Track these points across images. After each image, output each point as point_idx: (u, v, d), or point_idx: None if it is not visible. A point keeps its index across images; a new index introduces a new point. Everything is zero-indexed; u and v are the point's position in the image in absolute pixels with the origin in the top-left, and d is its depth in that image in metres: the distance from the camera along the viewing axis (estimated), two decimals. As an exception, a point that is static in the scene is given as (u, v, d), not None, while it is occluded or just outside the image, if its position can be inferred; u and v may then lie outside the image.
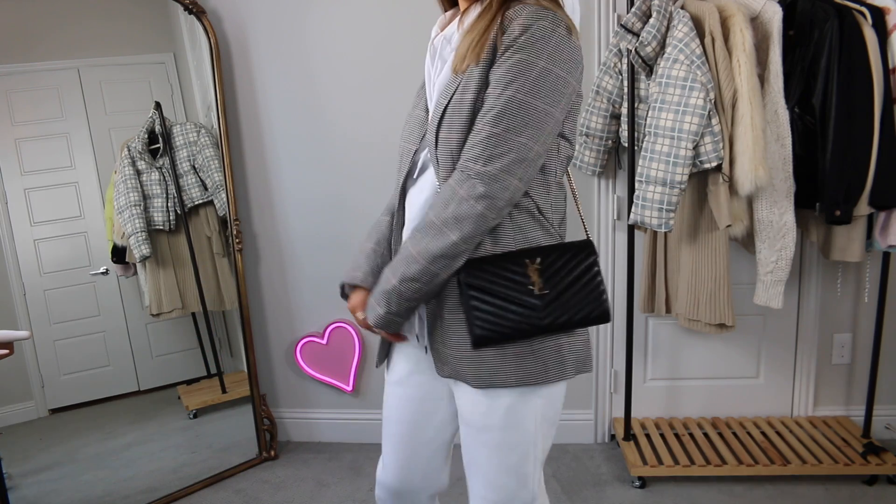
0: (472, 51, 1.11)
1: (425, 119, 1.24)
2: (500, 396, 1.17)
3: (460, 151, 1.13)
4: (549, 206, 1.20)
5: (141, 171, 2.46)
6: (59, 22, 2.35)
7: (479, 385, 1.16)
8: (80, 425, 2.49)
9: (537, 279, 1.13)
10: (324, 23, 2.49)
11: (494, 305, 1.12)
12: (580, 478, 2.44)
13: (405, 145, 1.26)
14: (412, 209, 1.23)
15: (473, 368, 1.16)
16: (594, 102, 2.33)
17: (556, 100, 1.10)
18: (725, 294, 2.14)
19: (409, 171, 1.24)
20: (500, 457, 1.20)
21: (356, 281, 1.30)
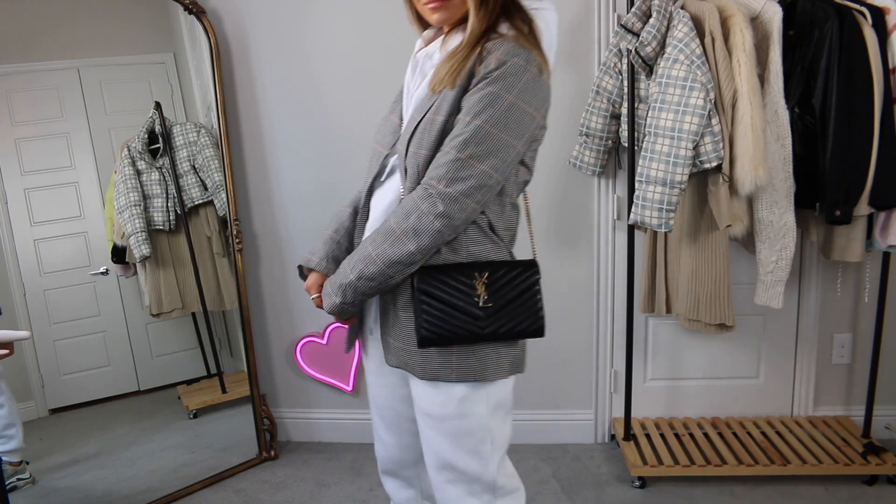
0: (450, 75, 1.20)
1: (399, 126, 1.34)
2: (453, 388, 1.28)
3: (426, 166, 1.22)
4: (501, 225, 1.31)
5: (141, 171, 2.46)
6: (59, 22, 2.35)
7: (425, 377, 1.28)
8: (80, 425, 2.49)
9: (483, 292, 1.24)
10: (324, 23, 2.49)
11: (441, 311, 1.23)
12: (580, 478, 2.45)
13: (377, 148, 1.37)
14: (376, 209, 1.34)
15: (420, 362, 1.28)
16: (594, 102, 2.33)
17: (520, 133, 1.21)
18: (725, 294, 2.14)
19: (378, 173, 1.35)
20: (458, 442, 1.31)
21: (311, 265, 1.42)
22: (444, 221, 1.19)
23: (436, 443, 1.33)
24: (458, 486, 1.34)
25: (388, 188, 1.32)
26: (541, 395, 2.67)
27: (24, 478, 2.26)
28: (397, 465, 1.55)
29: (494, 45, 1.20)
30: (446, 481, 1.35)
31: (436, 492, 1.39)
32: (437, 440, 1.32)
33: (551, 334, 2.61)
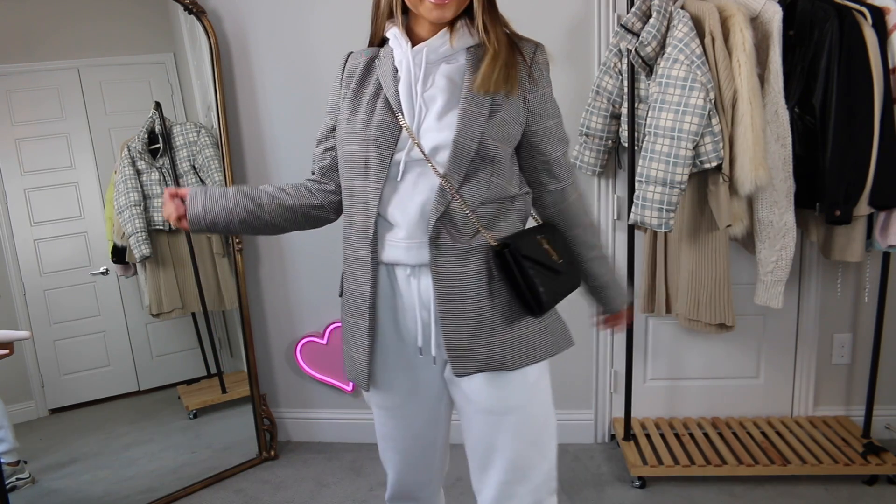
0: (507, 81, 1.27)
1: (394, 123, 1.29)
2: (527, 374, 1.28)
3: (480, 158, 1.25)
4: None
5: (141, 171, 2.46)
6: (59, 22, 2.35)
7: (517, 365, 1.26)
8: (80, 425, 2.49)
9: (552, 250, 1.30)
10: (324, 23, 2.49)
11: (542, 273, 1.25)
12: (580, 478, 2.44)
13: (380, 151, 1.28)
14: (407, 213, 1.27)
15: (511, 350, 1.26)
16: (594, 102, 2.33)
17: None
18: (725, 294, 2.14)
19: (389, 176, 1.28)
20: (522, 435, 1.29)
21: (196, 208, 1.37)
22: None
23: (500, 439, 1.29)
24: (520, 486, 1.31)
25: (412, 188, 1.27)
26: (541, 395, 2.67)
27: (23, 477, 2.26)
28: (416, 486, 1.48)
29: (528, 45, 1.31)
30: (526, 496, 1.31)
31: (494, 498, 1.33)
32: (512, 443, 1.29)
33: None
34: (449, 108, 1.27)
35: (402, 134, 1.27)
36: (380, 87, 1.33)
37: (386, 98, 1.30)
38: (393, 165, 1.27)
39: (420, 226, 1.25)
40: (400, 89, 1.29)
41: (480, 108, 1.26)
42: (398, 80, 1.30)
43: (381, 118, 1.29)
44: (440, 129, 1.26)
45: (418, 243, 1.26)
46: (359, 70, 1.38)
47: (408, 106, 1.28)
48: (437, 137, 1.25)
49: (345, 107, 1.36)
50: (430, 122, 1.27)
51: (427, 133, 1.26)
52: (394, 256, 1.29)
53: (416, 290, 1.28)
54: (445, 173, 1.23)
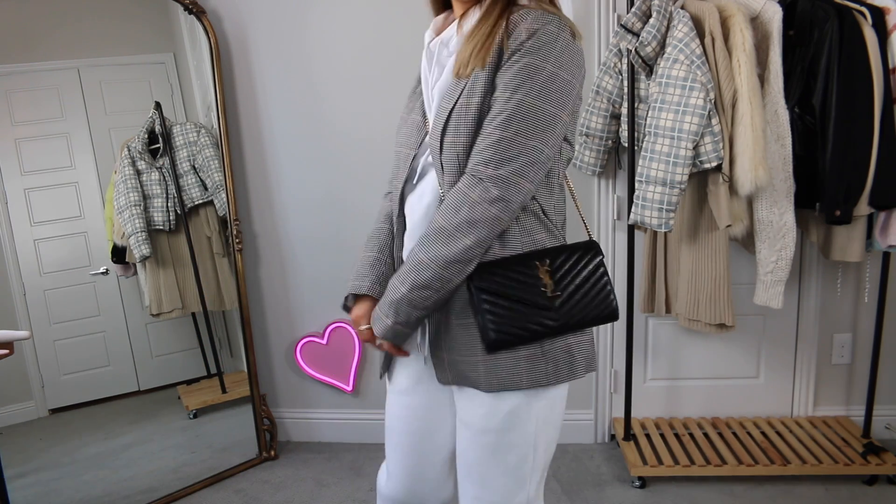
0: (477, 55, 1.11)
1: (423, 124, 1.23)
2: (505, 399, 1.16)
3: (466, 156, 1.13)
4: (552, 208, 1.21)
5: (141, 171, 2.46)
6: (59, 22, 2.35)
7: (491, 389, 1.15)
8: (80, 425, 2.49)
9: (549, 281, 1.14)
10: (324, 23, 2.49)
11: (507, 308, 1.11)
12: (580, 478, 2.44)
13: (403, 150, 1.25)
14: (414, 215, 1.22)
15: (485, 372, 1.15)
16: (594, 102, 2.33)
17: (563, 103, 1.11)
18: (725, 294, 2.14)
19: (408, 177, 1.23)
20: (497, 458, 1.20)
21: (362, 290, 1.27)
22: (501, 206, 1.09)
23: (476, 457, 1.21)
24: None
25: (423, 190, 1.21)
26: (541, 395, 2.67)
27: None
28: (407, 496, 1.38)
29: (520, 15, 1.12)
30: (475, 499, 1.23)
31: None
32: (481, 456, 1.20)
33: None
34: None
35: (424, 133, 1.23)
36: (419, 82, 1.29)
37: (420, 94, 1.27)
38: (413, 166, 1.23)
39: (421, 227, 1.20)
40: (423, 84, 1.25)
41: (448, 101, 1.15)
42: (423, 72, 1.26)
43: (413, 116, 1.25)
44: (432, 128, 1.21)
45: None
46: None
47: (428, 102, 1.23)
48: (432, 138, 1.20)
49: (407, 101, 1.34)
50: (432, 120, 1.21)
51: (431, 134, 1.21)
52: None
53: None
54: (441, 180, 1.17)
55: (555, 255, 1.16)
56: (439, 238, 1.11)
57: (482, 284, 1.11)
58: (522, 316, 1.12)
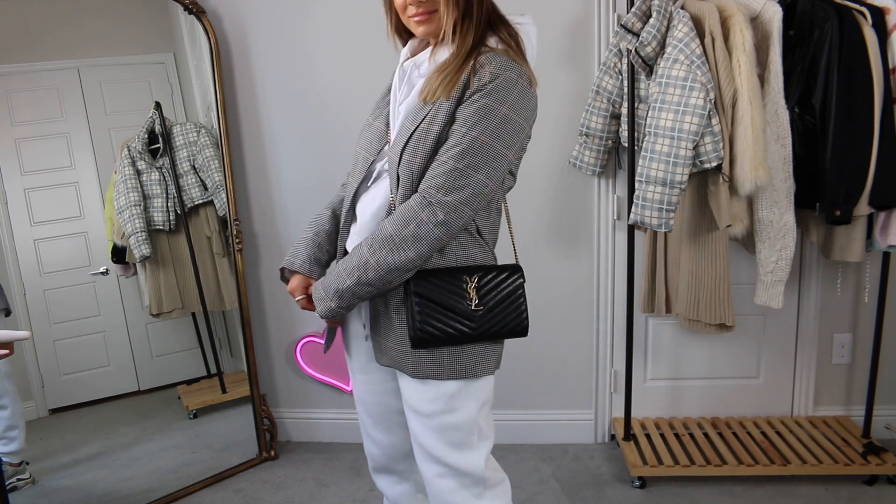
0: (444, 87, 1.24)
1: (385, 132, 1.38)
2: (443, 385, 1.33)
3: (421, 174, 1.27)
4: (487, 229, 1.37)
5: (141, 171, 2.46)
6: (59, 22, 2.35)
7: (417, 375, 1.33)
8: (80, 425, 2.49)
9: (474, 295, 1.30)
10: (324, 22, 2.49)
11: (434, 312, 1.28)
12: (580, 478, 2.44)
13: (362, 153, 1.40)
14: (364, 214, 1.37)
15: (412, 362, 1.32)
16: (594, 102, 2.33)
17: (512, 143, 1.26)
18: (725, 294, 2.14)
19: (364, 178, 1.38)
20: (445, 438, 1.35)
21: (295, 267, 1.48)
22: (443, 230, 1.25)
23: (425, 438, 1.37)
24: (448, 479, 1.38)
25: (376, 193, 1.36)
26: (541, 395, 2.67)
27: (23, 478, 2.26)
28: (389, 459, 1.58)
29: (487, 58, 1.25)
30: (437, 475, 1.39)
31: (427, 486, 1.42)
32: (427, 435, 1.36)
33: (551, 334, 2.62)
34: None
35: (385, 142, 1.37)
36: (388, 93, 1.43)
37: (387, 104, 1.41)
38: (370, 170, 1.38)
39: (370, 226, 1.35)
40: (391, 98, 1.39)
41: (413, 122, 1.28)
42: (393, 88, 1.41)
43: (378, 124, 1.40)
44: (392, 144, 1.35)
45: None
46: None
47: (391, 118, 1.38)
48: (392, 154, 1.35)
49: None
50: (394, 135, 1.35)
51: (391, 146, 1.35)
52: (352, 245, 1.40)
53: None
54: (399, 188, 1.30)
55: (484, 272, 1.32)
56: (386, 245, 1.25)
57: (417, 289, 1.27)
58: (447, 322, 1.28)
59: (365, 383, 1.51)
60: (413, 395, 1.36)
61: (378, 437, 1.56)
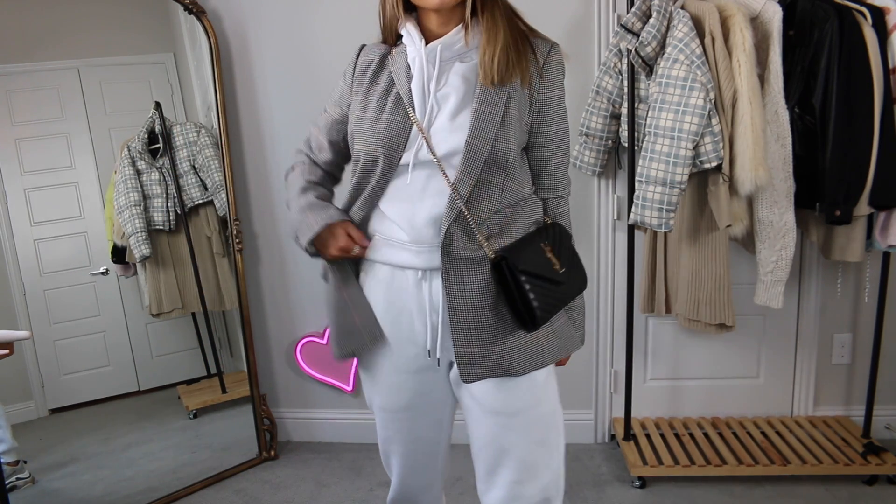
0: (513, 70, 1.24)
1: (405, 123, 1.26)
2: (534, 376, 1.28)
3: (515, 157, 1.25)
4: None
5: (141, 171, 2.46)
6: (59, 22, 2.35)
7: (524, 371, 1.25)
8: (80, 425, 2.49)
9: (555, 259, 1.26)
10: (324, 22, 2.49)
11: (540, 287, 1.22)
12: (580, 478, 2.44)
13: (386, 152, 1.26)
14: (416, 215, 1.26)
15: (518, 357, 1.25)
16: (594, 102, 2.33)
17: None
18: (725, 294, 2.14)
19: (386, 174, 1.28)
20: (530, 435, 1.29)
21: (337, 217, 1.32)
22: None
23: (523, 448, 1.29)
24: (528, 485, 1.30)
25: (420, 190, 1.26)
26: (541, 395, 2.67)
27: (23, 477, 2.26)
28: (419, 490, 1.47)
29: (545, 44, 1.29)
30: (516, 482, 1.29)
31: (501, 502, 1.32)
32: (524, 444, 1.28)
33: (551, 334, 2.61)
34: (462, 107, 1.24)
35: (413, 133, 1.25)
36: (392, 84, 1.30)
37: (398, 95, 1.28)
38: (401, 166, 1.26)
39: (429, 231, 1.25)
40: (413, 87, 1.27)
41: (494, 108, 1.23)
42: (411, 77, 1.27)
43: (390, 117, 1.27)
44: (452, 129, 1.24)
45: (428, 248, 1.25)
46: (372, 66, 1.34)
47: (420, 104, 1.26)
48: (450, 139, 1.23)
49: (356, 104, 1.33)
50: (442, 122, 1.25)
51: (438, 133, 1.24)
52: (398, 259, 1.28)
53: (426, 294, 1.28)
54: (457, 178, 1.22)
55: (547, 233, 1.29)
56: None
57: (521, 266, 1.21)
58: (550, 292, 1.23)
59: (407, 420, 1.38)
60: (499, 395, 1.27)
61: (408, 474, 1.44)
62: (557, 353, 1.30)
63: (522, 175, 1.30)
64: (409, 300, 1.29)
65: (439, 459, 1.45)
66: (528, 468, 1.29)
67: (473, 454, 1.36)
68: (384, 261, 1.31)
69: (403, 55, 1.30)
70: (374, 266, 1.33)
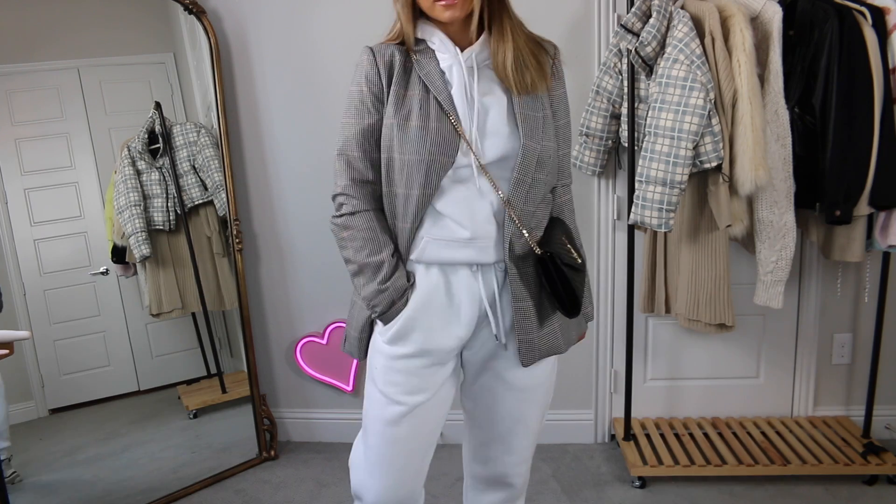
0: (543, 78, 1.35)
1: (453, 130, 1.29)
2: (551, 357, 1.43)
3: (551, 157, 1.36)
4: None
5: (141, 171, 2.46)
6: (59, 22, 2.35)
7: (566, 348, 1.43)
8: (80, 425, 2.49)
9: (574, 251, 1.37)
10: (324, 22, 2.49)
11: (575, 276, 1.33)
12: (580, 478, 2.44)
13: (439, 158, 1.28)
14: (477, 214, 1.32)
15: (563, 335, 1.42)
16: (594, 102, 2.33)
17: None
18: (725, 294, 2.14)
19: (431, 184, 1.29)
20: (542, 404, 1.47)
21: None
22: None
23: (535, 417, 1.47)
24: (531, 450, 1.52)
25: (476, 192, 1.32)
26: (541, 395, 2.67)
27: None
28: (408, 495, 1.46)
29: (549, 45, 1.40)
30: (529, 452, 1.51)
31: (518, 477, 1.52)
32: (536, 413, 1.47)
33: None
34: (506, 114, 1.32)
35: (461, 141, 1.29)
36: (426, 91, 1.31)
37: (439, 103, 1.30)
38: (454, 171, 1.30)
39: (489, 227, 1.33)
40: (454, 94, 1.30)
41: (536, 110, 1.33)
42: (449, 84, 1.31)
43: (437, 124, 1.29)
44: (502, 136, 1.31)
45: (489, 244, 1.33)
46: (397, 68, 1.32)
47: (464, 112, 1.30)
48: (501, 145, 1.30)
49: (391, 109, 1.31)
50: (491, 129, 1.31)
51: (488, 138, 1.30)
52: (455, 256, 1.33)
53: (481, 286, 1.35)
54: (516, 178, 1.31)
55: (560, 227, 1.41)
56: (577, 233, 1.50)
57: (562, 258, 1.33)
58: (580, 279, 1.35)
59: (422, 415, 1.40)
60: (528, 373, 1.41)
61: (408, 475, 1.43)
62: (578, 329, 1.48)
63: (556, 168, 1.40)
64: (460, 293, 1.35)
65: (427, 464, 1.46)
66: (534, 433, 1.48)
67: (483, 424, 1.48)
68: (438, 260, 1.34)
69: (433, 61, 1.32)
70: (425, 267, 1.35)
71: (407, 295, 1.35)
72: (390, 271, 1.33)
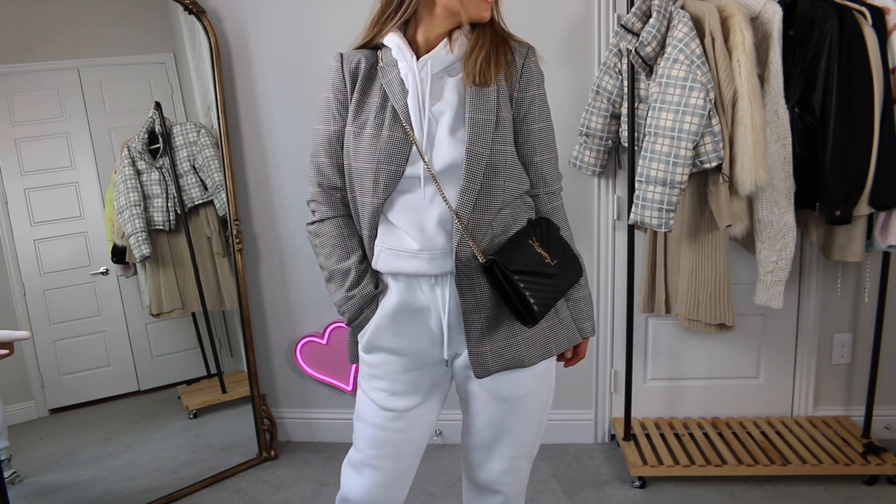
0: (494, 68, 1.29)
1: (405, 139, 1.29)
2: (538, 365, 1.35)
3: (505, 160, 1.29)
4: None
5: (141, 171, 2.46)
6: (59, 22, 2.35)
7: (532, 362, 1.33)
8: (80, 425, 2.49)
9: (545, 253, 1.29)
10: (324, 22, 2.49)
11: (535, 282, 1.26)
12: (580, 478, 2.44)
13: (390, 167, 1.29)
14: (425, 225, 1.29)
15: (526, 349, 1.33)
16: (594, 102, 2.33)
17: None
18: (725, 294, 2.14)
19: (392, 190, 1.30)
20: (529, 416, 1.39)
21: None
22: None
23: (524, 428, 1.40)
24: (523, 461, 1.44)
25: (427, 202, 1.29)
26: (541, 395, 2.67)
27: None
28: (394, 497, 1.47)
29: (523, 47, 1.34)
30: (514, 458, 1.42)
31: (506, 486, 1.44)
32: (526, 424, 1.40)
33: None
34: (458, 120, 1.29)
35: (413, 149, 1.28)
36: (386, 98, 1.31)
37: (394, 111, 1.30)
38: (404, 180, 1.29)
39: (439, 238, 1.29)
40: (409, 102, 1.29)
41: (487, 113, 1.28)
42: (406, 92, 1.30)
43: (390, 133, 1.29)
44: (451, 143, 1.27)
45: (440, 254, 1.29)
46: (361, 76, 1.34)
47: (416, 120, 1.28)
48: (449, 152, 1.27)
49: (350, 116, 1.33)
50: (441, 136, 1.28)
51: (438, 147, 1.28)
52: (410, 268, 1.31)
53: (439, 298, 1.32)
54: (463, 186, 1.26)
55: (533, 229, 1.32)
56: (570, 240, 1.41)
57: (513, 266, 1.25)
58: (545, 286, 1.27)
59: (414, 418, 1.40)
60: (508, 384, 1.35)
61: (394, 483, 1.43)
62: (565, 342, 1.37)
63: (520, 172, 1.34)
64: (426, 304, 1.34)
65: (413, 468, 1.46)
66: (523, 444, 1.41)
67: (473, 431, 1.43)
68: (392, 271, 1.33)
69: (395, 69, 1.31)
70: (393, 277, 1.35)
71: (377, 301, 1.35)
72: (357, 278, 1.35)
